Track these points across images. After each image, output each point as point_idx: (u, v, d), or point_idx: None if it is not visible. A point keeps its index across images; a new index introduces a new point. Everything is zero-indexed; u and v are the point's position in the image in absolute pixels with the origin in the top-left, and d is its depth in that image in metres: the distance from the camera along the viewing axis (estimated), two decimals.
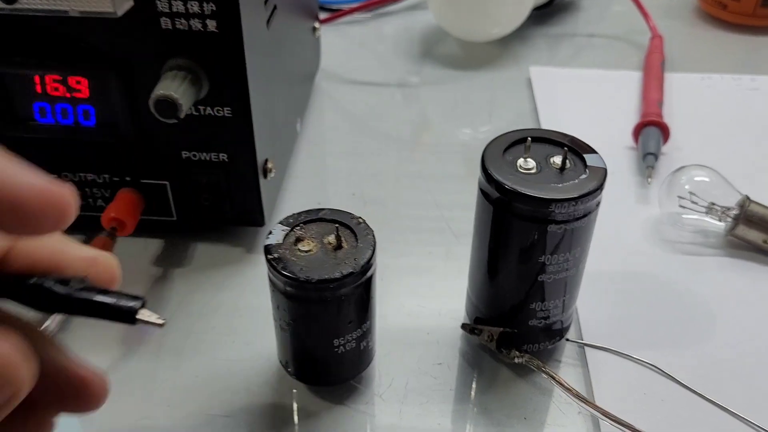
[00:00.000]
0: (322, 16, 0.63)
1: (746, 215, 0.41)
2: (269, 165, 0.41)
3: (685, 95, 0.57)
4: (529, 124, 0.55)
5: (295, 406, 0.34)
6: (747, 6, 0.67)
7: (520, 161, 0.33)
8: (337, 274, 0.30)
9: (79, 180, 0.41)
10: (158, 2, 0.34)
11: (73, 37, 0.36)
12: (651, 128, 0.50)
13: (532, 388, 0.35)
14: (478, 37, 0.64)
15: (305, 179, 0.49)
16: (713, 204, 0.42)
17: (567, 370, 0.36)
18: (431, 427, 0.34)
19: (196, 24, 0.35)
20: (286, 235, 0.32)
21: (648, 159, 0.48)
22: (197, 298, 0.40)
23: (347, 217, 0.33)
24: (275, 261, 0.30)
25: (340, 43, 0.66)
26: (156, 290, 0.40)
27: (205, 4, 0.34)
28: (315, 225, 0.32)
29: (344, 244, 0.31)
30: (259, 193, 0.41)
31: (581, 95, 0.58)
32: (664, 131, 0.50)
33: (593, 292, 0.39)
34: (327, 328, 0.31)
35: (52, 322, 0.35)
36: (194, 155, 0.40)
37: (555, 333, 0.36)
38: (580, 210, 0.31)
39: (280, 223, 0.32)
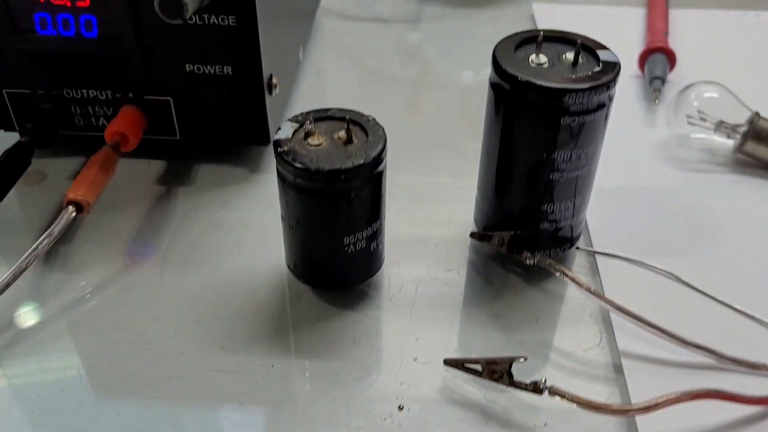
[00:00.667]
0: None
1: (755, 131, 0.41)
2: (274, 81, 0.40)
3: (690, 30, 0.57)
4: None
5: (302, 311, 0.34)
6: None
7: (532, 57, 0.32)
8: (349, 165, 0.29)
9: (81, 97, 0.40)
10: None
11: None
12: (657, 54, 0.49)
13: (543, 294, 0.35)
14: None
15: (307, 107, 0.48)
16: (722, 121, 0.42)
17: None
18: (442, 331, 0.33)
19: None
20: (296, 130, 0.31)
21: (655, 83, 0.47)
22: (201, 214, 0.40)
23: (357, 115, 0.32)
24: (285, 154, 0.30)
25: None
26: (159, 208, 0.40)
27: None
28: (325, 122, 0.32)
29: (355, 139, 0.31)
30: (265, 109, 0.40)
31: (585, 31, 0.57)
32: (670, 57, 0.49)
33: (603, 205, 0.39)
34: (337, 224, 0.31)
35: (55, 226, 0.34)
36: (198, 68, 0.39)
37: (565, 240, 0.36)
38: (594, 101, 0.31)
39: (289, 120, 0.32)
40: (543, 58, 0.32)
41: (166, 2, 0.33)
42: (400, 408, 0.30)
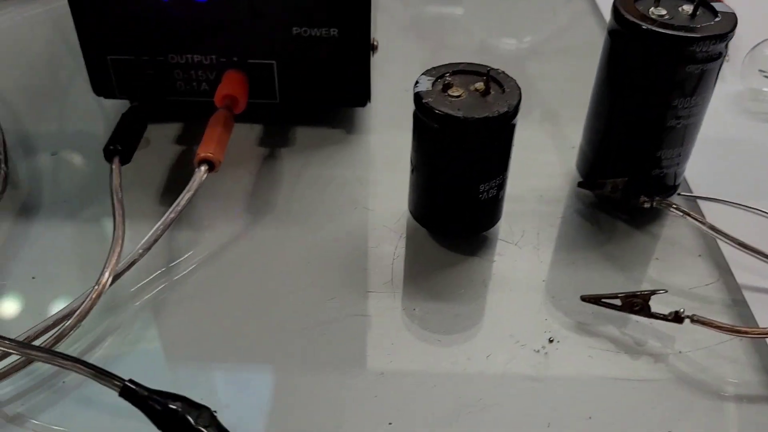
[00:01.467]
0: None
1: None
2: (375, 42, 0.42)
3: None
4: (592, 27, 0.56)
5: (430, 258, 0.36)
6: None
7: (651, 9, 0.34)
8: (494, 113, 0.31)
9: (185, 62, 0.41)
10: None
11: None
12: None
13: (652, 237, 0.37)
14: None
15: (390, 68, 0.49)
16: None
17: (679, 222, 0.38)
18: (567, 273, 0.35)
19: None
20: (433, 83, 0.33)
21: None
22: (310, 172, 0.41)
23: (485, 69, 0.34)
24: (431, 104, 0.31)
25: None
26: (267, 168, 0.41)
27: None
28: (458, 76, 0.33)
29: (492, 90, 0.33)
30: (369, 71, 0.41)
31: None
32: None
33: (695, 154, 0.41)
34: (477, 171, 0.33)
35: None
36: (305, 31, 0.40)
37: (670, 187, 0.38)
38: (716, 50, 0.33)
39: (424, 74, 0.33)
40: (662, 11, 0.34)
41: None
42: (551, 341, 0.32)
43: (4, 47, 0.52)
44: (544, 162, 0.42)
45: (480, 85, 0.33)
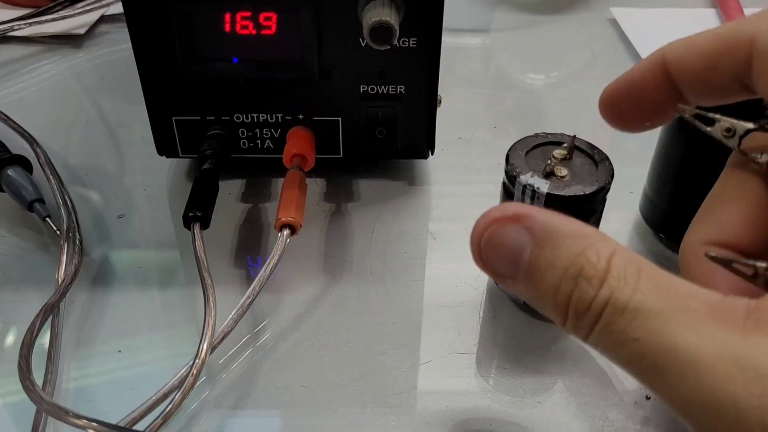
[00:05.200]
0: None
1: None
2: (440, 96, 0.42)
3: None
4: (627, 66, 0.57)
5: (511, 319, 0.36)
6: None
7: None
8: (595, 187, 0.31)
9: (251, 121, 0.42)
10: None
11: None
12: None
13: None
14: None
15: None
16: None
17: None
18: None
19: None
20: (534, 172, 0.32)
21: None
22: (379, 228, 0.41)
23: (564, 137, 0.34)
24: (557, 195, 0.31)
25: None
26: (336, 223, 0.41)
27: None
28: (539, 149, 0.33)
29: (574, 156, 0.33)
30: (434, 125, 0.42)
31: (671, 35, 0.60)
32: None
33: None
34: None
35: None
36: (372, 89, 0.40)
37: None
38: None
39: (517, 167, 0.32)
40: None
41: (377, 29, 0.35)
42: (647, 398, 0.32)
43: (54, 99, 0.52)
44: None
45: (562, 152, 0.33)
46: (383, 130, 0.42)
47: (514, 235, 0.21)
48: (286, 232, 0.36)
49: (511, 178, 0.32)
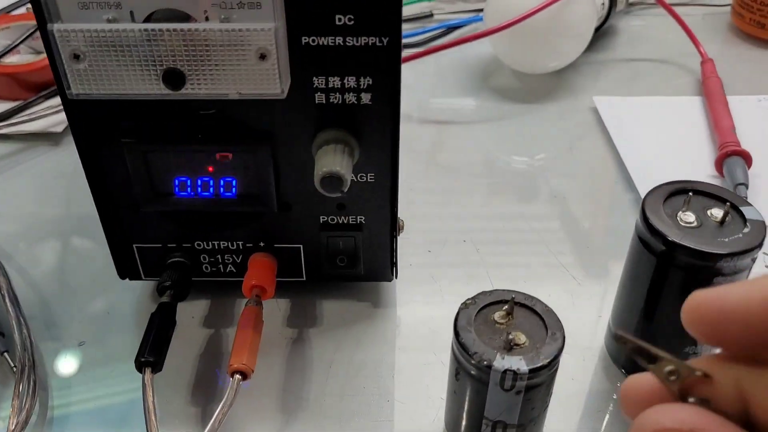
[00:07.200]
0: None
1: None
2: (401, 222, 0.42)
3: (748, 118, 0.59)
4: (606, 158, 0.56)
5: None
6: None
7: (680, 214, 0.34)
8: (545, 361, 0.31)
9: (212, 248, 0.42)
10: (315, 79, 0.35)
11: (226, 117, 0.36)
12: (734, 158, 0.52)
13: None
14: (536, 69, 0.65)
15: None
16: None
17: None
18: None
19: (350, 98, 0.36)
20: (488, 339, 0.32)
21: (740, 189, 0.50)
22: (339, 357, 0.41)
23: (509, 295, 0.33)
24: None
25: None
26: (298, 352, 0.41)
27: (362, 79, 0.35)
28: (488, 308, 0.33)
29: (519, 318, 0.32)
30: (394, 251, 0.42)
31: (649, 124, 0.60)
32: (747, 159, 0.52)
33: None
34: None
35: None
36: (332, 219, 0.40)
37: None
38: (745, 263, 0.33)
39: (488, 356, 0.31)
40: (691, 216, 0.34)
41: (327, 179, 0.35)
42: None
43: (30, 202, 0.53)
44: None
45: (502, 313, 0.32)
46: (344, 258, 0.42)
47: None
48: (237, 377, 0.36)
49: (484, 368, 0.30)
